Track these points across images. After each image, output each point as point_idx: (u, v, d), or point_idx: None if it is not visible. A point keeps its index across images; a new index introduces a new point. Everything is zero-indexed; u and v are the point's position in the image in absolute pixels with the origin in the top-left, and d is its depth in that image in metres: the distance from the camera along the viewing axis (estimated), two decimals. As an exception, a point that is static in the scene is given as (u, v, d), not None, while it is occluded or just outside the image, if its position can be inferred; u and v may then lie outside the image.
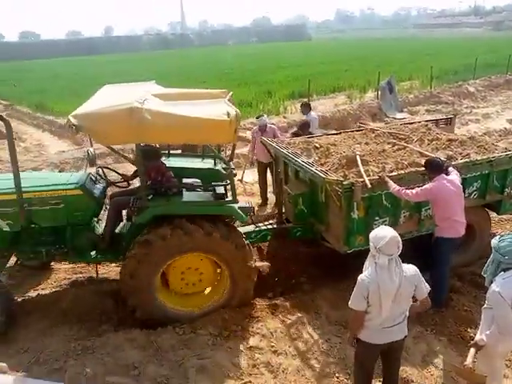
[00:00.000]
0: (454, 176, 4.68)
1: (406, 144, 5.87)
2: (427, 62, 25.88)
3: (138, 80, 5.92)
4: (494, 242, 3.20)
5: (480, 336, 3.27)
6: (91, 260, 5.05)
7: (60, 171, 9.93)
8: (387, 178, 4.74)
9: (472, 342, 3.36)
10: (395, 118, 15.18)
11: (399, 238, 3.03)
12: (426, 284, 3.16)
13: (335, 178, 4.78)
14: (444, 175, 4.58)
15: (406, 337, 3.31)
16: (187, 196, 4.75)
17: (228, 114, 4.11)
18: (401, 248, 3.02)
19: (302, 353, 4.25)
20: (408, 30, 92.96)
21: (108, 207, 5.02)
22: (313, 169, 5.11)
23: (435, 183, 4.53)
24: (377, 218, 4.98)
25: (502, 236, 3.19)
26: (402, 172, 4.98)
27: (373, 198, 4.85)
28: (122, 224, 5.16)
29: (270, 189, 7.79)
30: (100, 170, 5.35)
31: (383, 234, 3.01)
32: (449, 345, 4.35)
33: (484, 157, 5.34)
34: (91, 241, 4.85)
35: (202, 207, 4.67)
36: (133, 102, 3.99)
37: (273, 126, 8.10)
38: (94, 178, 5.12)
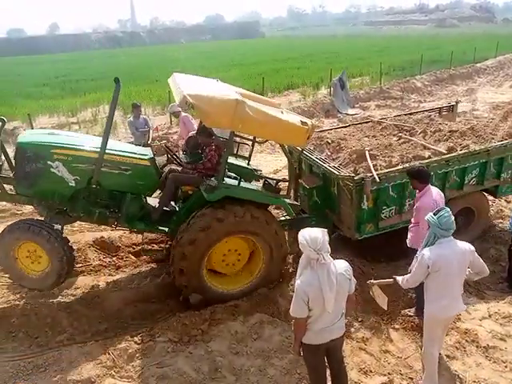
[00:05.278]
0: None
1: (410, 137, 6.37)
2: (376, 58, 26.75)
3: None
4: (430, 218, 3.45)
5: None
6: (139, 228, 5.29)
7: None
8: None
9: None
10: (348, 114, 15.56)
11: None
12: (354, 279, 3.24)
13: (347, 174, 5.27)
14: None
15: (344, 333, 3.37)
16: (248, 184, 5.26)
17: (306, 124, 4.80)
18: None
19: (263, 352, 4.23)
20: (358, 27, 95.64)
21: (167, 182, 5.18)
22: (325, 165, 5.63)
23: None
24: (384, 207, 5.45)
25: (439, 211, 3.44)
26: (407, 165, 5.31)
27: (380, 190, 5.29)
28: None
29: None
30: (164, 147, 5.70)
31: (314, 234, 2.99)
32: (404, 333, 4.51)
33: (482, 147, 5.78)
34: (144, 211, 5.15)
35: (264, 196, 5.13)
36: (237, 96, 4.50)
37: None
38: (154, 154, 5.42)
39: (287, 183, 5.45)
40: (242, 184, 5.04)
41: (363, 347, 4.29)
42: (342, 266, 3.14)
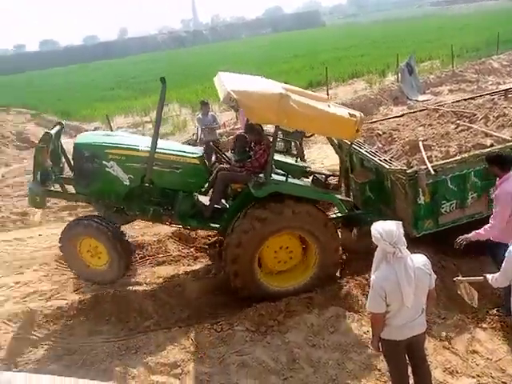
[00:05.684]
0: None
1: (469, 124, 5.81)
2: (446, 40, 25.12)
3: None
4: None
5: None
6: (192, 226, 5.47)
7: None
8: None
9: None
10: (418, 101, 14.80)
11: None
12: (434, 274, 3.11)
13: (398, 168, 4.92)
14: None
15: (426, 330, 3.26)
16: (297, 180, 5.23)
17: (355, 116, 4.70)
18: None
19: (340, 346, 4.21)
20: (423, 8, 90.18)
21: (216, 180, 5.30)
22: (376, 159, 5.27)
23: None
24: (444, 202, 5.06)
25: None
26: (466, 155, 4.94)
27: (438, 183, 4.92)
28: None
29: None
30: (212, 147, 5.95)
31: (389, 227, 2.92)
32: (493, 333, 4.25)
33: None
34: (197, 208, 5.32)
35: (313, 192, 5.05)
36: (281, 90, 4.50)
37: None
38: (204, 152, 5.63)
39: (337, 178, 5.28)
40: (290, 180, 4.99)
41: (447, 346, 4.11)
42: (419, 260, 3.04)
